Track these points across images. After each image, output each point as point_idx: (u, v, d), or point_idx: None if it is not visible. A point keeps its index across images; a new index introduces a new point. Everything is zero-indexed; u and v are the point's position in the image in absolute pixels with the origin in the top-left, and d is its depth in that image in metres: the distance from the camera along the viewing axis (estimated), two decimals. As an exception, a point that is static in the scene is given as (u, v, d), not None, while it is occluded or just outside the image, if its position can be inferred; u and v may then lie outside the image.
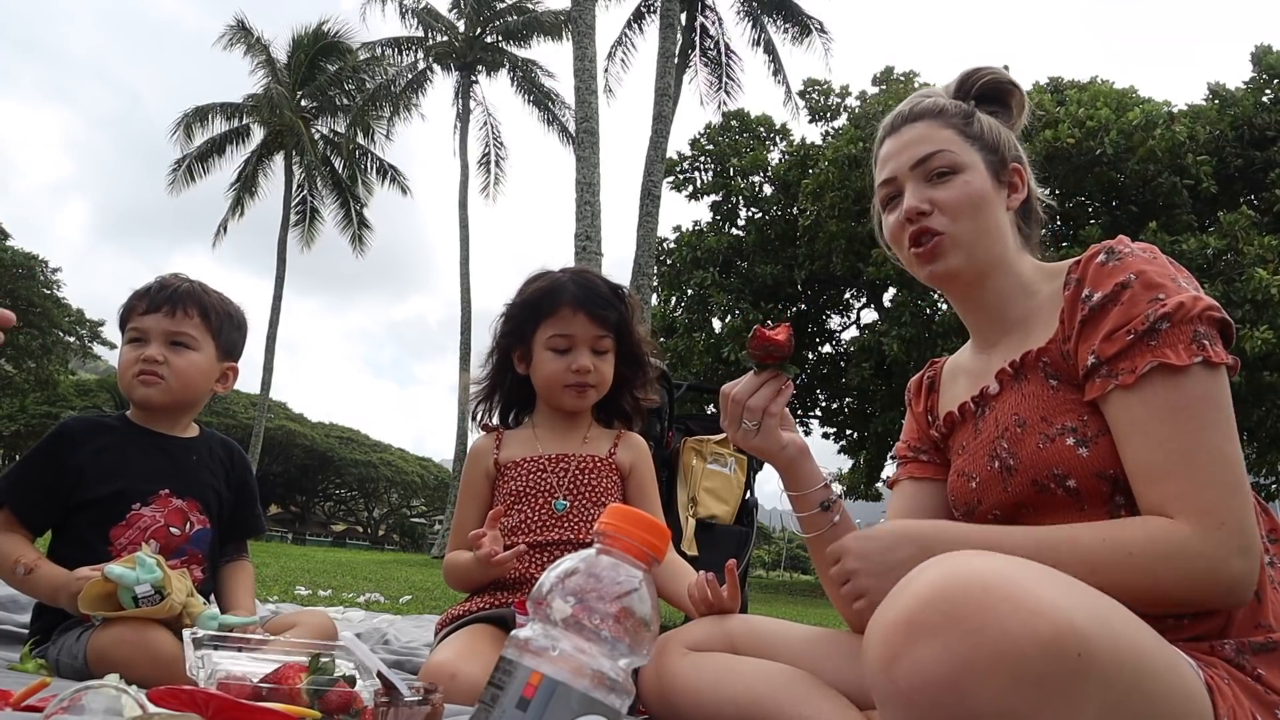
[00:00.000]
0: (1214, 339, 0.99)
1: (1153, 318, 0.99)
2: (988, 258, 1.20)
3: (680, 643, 1.38)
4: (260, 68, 24.77)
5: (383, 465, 47.32)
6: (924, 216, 1.19)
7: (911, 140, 1.23)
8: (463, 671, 1.51)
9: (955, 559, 0.79)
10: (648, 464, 1.92)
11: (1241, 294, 13.16)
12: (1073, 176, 14.96)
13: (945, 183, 1.19)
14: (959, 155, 1.20)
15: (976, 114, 1.25)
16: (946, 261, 1.19)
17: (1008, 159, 1.23)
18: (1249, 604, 0.97)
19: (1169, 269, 1.03)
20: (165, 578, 1.47)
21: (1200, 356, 0.97)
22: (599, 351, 1.85)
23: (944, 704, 0.73)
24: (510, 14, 24.04)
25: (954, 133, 1.22)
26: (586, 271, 1.92)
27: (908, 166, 1.22)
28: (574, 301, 1.82)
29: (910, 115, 1.26)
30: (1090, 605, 0.77)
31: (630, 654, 0.78)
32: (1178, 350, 0.97)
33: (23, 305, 27.03)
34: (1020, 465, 1.11)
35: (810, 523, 1.27)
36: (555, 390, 1.85)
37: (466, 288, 21.83)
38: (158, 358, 1.75)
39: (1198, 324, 0.99)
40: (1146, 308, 1.00)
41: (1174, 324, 0.98)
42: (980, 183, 1.19)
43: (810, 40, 19.68)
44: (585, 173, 11.72)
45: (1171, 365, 0.97)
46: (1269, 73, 16.03)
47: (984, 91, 1.29)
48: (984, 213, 1.19)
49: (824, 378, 20.03)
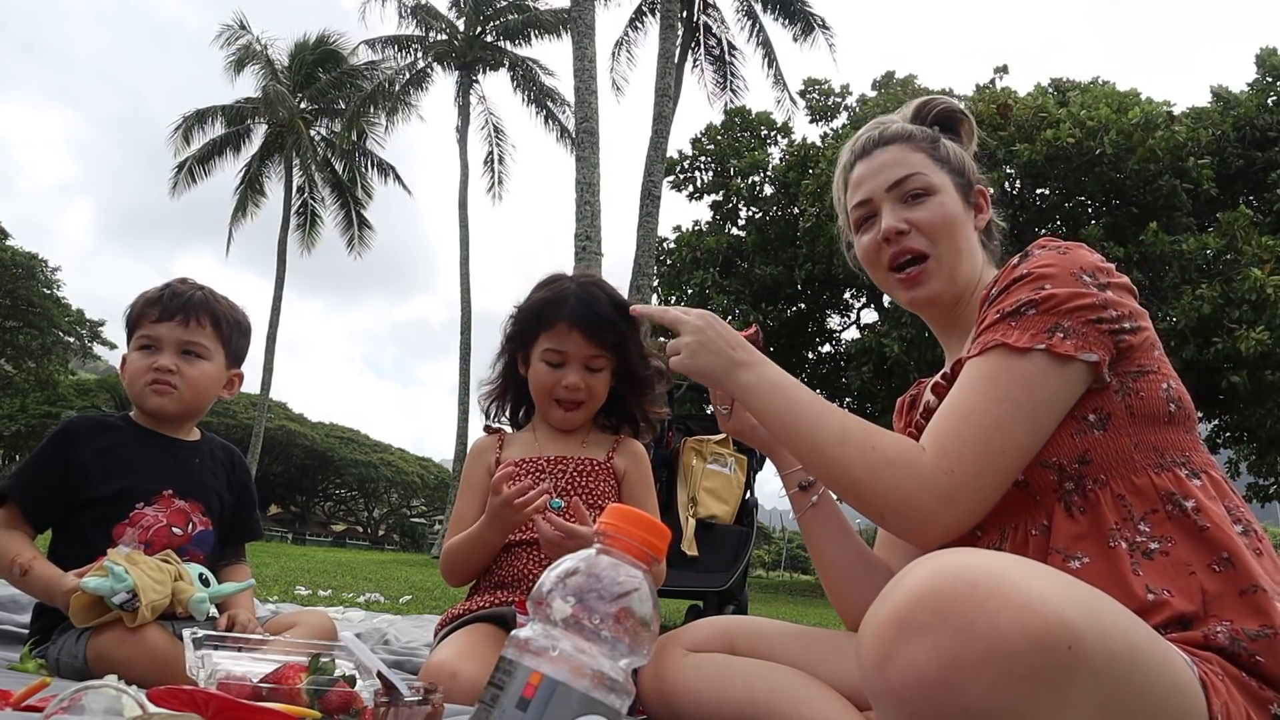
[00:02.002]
0: (1078, 334, 1.01)
1: (1021, 303, 1.03)
2: (963, 277, 1.26)
3: (680, 643, 1.38)
4: (260, 70, 24.78)
5: (383, 465, 47.33)
6: (903, 236, 1.25)
7: (886, 163, 1.27)
8: (463, 671, 1.52)
9: (945, 556, 0.80)
10: (644, 470, 1.93)
11: (1239, 294, 13.15)
12: (1073, 176, 14.95)
13: (921, 204, 1.24)
14: (931, 177, 1.25)
15: (942, 138, 1.30)
16: (929, 287, 1.25)
17: (973, 181, 1.29)
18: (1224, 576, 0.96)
19: (1078, 263, 1.05)
20: (137, 584, 1.45)
21: (1043, 345, 1.00)
22: (593, 369, 1.85)
23: (937, 701, 0.73)
24: (510, 12, 24.04)
25: (925, 156, 1.27)
26: (594, 284, 1.88)
27: (884, 188, 1.27)
28: (571, 318, 1.81)
29: (881, 139, 1.31)
30: (1080, 599, 0.77)
31: (630, 654, 0.78)
32: (1023, 335, 1.01)
33: (23, 305, 27.05)
34: None
35: (794, 502, 1.35)
36: (545, 402, 1.88)
37: (466, 288, 21.83)
38: (171, 367, 1.76)
39: (1062, 317, 1.01)
40: (1024, 294, 1.04)
41: (1040, 312, 1.02)
42: (953, 204, 1.25)
43: (814, 37, 19.67)
44: (585, 173, 11.72)
45: (1010, 346, 1.01)
46: (1273, 75, 16.03)
47: (938, 120, 1.35)
48: (958, 233, 1.25)
49: (824, 378, 20.02)
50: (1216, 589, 0.96)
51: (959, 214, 1.25)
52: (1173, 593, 0.96)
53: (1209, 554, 0.98)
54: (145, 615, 1.45)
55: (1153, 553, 0.99)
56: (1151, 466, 1.03)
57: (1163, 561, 0.98)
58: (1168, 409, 1.05)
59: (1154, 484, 1.02)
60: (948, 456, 1.00)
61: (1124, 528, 1.01)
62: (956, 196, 1.25)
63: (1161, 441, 1.04)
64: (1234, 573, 0.96)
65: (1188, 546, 0.98)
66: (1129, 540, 1.00)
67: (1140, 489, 1.02)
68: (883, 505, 1.01)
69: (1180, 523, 1.00)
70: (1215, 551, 0.97)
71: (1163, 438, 1.04)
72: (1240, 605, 0.94)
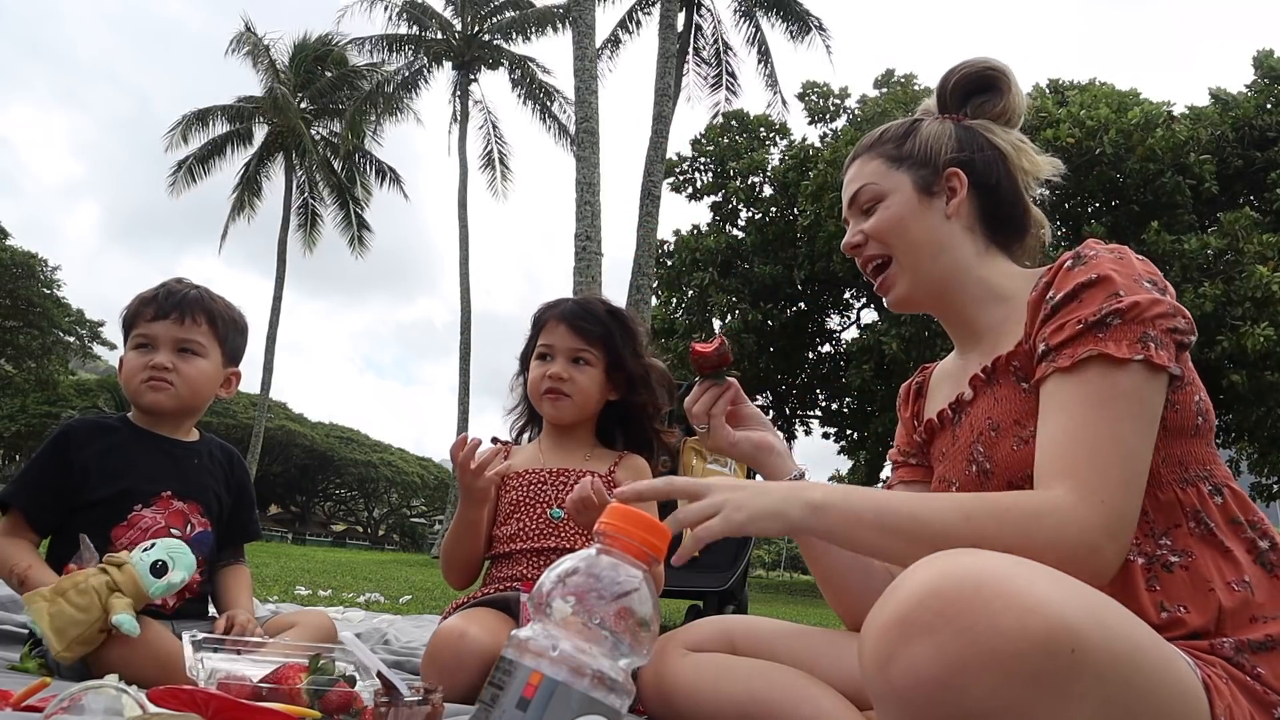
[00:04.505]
0: (1164, 344, 0.99)
1: (1105, 311, 0.99)
2: (935, 271, 1.21)
3: (680, 643, 1.38)
4: (262, 70, 24.76)
5: (383, 465, 47.32)
6: (861, 248, 1.26)
7: (850, 178, 1.30)
8: (470, 631, 1.58)
9: (949, 557, 0.80)
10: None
11: (1241, 291, 13.15)
12: (1073, 176, 14.96)
13: (873, 213, 1.24)
14: (881, 184, 1.24)
15: (918, 130, 1.26)
16: (897, 290, 1.24)
17: (940, 166, 1.22)
18: (1241, 597, 0.96)
19: (1135, 270, 1.03)
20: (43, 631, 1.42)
21: (1142, 355, 0.97)
22: (578, 361, 1.89)
23: (939, 702, 0.73)
24: (507, 9, 24.01)
25: (880, 162, 1.25)
26: (595, 298, 2.01)
27: (847, 208, 1.29)
28: (559, 314, 1.92)
29: (853, 156, 1.32)
30: (1084, 602, 0.77)
31: (630, 654, 0.78)
32: (1120, 345, 0.98)
33: (23, 305, 27.04)
34: (996, 468, 1.11)
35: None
36: (535, 397, 1.92)
37: (466, 288, 21.82)
38: (167, 365, 1.76)
39: (1149, 326, 0.99)
40: (1102, 303, 1.00)
41: (1125, 321, 0.98)
42: (901, 205, 1.22)
43: (810, 38, 19.66)
44: (585, 173, 11.71)
45: (1111, 356, 0.97)
46: (1270, 76, 16.03)
47: (961, 89, 1.28)
48: (911, 230, 1.21)
49: (824, 377, 20.03)
50: (1233, 606, 0.96)
51: (909, 212, 1.21)
52: (1189, 609, 0.96)
53: (1231, 573, 0.97)
54: (65, 656, 1.42)
55: (1172, 565, 0.98)
56: (1176, 481, 1.01)
57: (1182, 576, 0.98)
58: (1196, 421, 1.04)
59: (1179, 499, 1.01)
60: (1092, 488, 0.94)
61: (1144, 543, 1.00)
62: (911, 193, 1.22)
63: (1186, 455, 1.03)
64: (1251, 597, 0.96)
65: (1209, 563, 0.98)
66: (1147, 555, 0.99)
67: (1164, 504, 1.01)
68: (1053, 561, 0.89)
69: (1203, 540, 0.99)
70: (1238, 573, 0.97)
71: (1187, 451, 1.03)
72: (1250, 629, 0.95)
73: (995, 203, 1.23)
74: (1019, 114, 1.28)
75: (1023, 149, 1.25)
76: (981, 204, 1.22)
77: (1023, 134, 1.28)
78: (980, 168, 1.22)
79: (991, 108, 1.27)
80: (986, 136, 1.25)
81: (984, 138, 1.24)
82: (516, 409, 2.06)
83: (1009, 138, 1.26)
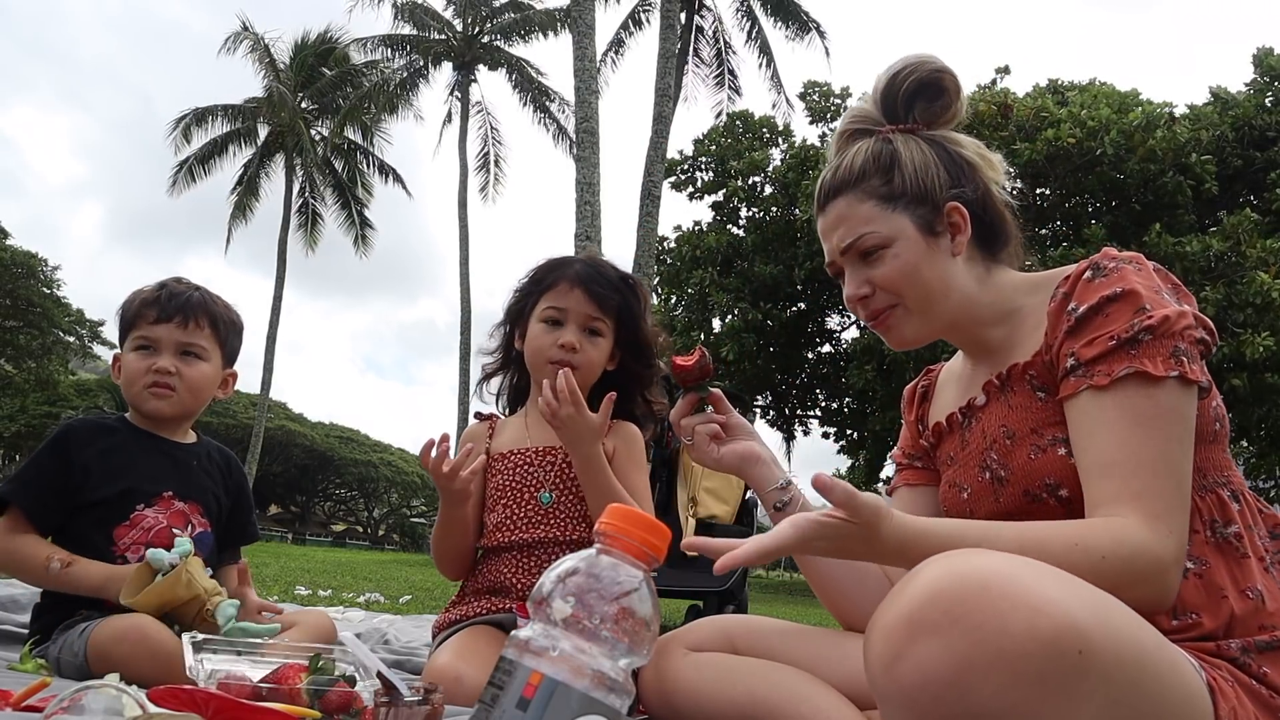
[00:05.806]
0: (1193, 357, 0.99)
1: (1137, 328, 0.99)
2: (947, 310, 1.17)
3: (680, 643, 1.38)
4: (263, 69, 24.77)
5: (383, 465, 47.33)
6: (869, 299, 1.19)
7: (835, 221, 1.20)
8: (467, 674, 1.51)
9: (956, 557, 0.80)
10: (634, 451, 1.84)
11: (1243, 297, 13.14)
12: (1073, 176, 14.95)
13: (878, 260, 1.16)
14: (882, 229, 1.15)
15: (899, 162, 1.17)
16: (902, 333, 1.19)
17: (940, 203, 1.16)
18: (1252, 605, 0.97)
19: (1155, 281, 1.03)
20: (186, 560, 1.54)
21: (1177, 371, 0.97)
22: (591, 331, 1.78)
23: (945, 702, 0.73)
24: (508, 10, 24.02)
25: (874, 204, 1.16)
26: (602, 259, 1.86)
27: (839, 252, 1.20)
28: (574, 277, 1.77)
29: (831, 190, 1.21)
30: (1090, 603, 0.77)
31: (630, 654, 0.78)
32: (1155, 361, 0.97)
33: (23, 305, 27.04)
34: (1012, 476, 1.11)
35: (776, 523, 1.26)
36: (540, 364, 1.78)
37: (466, 288, 21.83)
38: (170, 369, 1.76)
39: (1179, 340, 0.99)
40: (1132, 318, 0.99)
41: (1156, 336, 0.98)
42: (910, 251, 1.15)
43: (810, 38, 19.68)
44: (585, 173, 11.71)
45: (1148, 374, 0.97)
46: (1270, 75, 16.02)
47: (910, 96, 1.21)
48: (924, 276, 1.15)
49: (824, 378, 20.01)
50: (1244, 613, 0.96)
51: (919, 258, 1.15)
52: (1201, 615, 0.97)
53: (1245, 580, 0.98)
54: (183, 588, 1.54)
55: (1187, 572, 0.99)
56: (1195, 489, 1.01)
57: (1196, 583, 0.98)
58: (1214, 427, 1.04)
59: (1196, 506, 1.01)
60: (1161, 519, 0.94)
61: None
62: (916, 236, 1.15)
63: (1204, 461, 1.03)
64: (1261, 605, 0.97)
65: (1224, 571, 0.99)
66: None
67: None
68: (1129, 602, 0.86)
69: (1220, 547, 1.00)
70: (1250, 580, 0.98)
71: (1205, 457, 1.03)
72: (1258, 635, 0.95)
73: (986, 224, 1.20)
74: (964, 114, 1.24)
75: (986, 157, 1.22)
76: (976, 230, 1.18)
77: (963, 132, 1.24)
78: (971, 195, 1.18)
79: (941, 111, 1.22)
80: (958, 152, 1.20)
81: (958, 154, 1.20)
82: (495, 360, 1.92)
83: (973, 148, 1.22)
